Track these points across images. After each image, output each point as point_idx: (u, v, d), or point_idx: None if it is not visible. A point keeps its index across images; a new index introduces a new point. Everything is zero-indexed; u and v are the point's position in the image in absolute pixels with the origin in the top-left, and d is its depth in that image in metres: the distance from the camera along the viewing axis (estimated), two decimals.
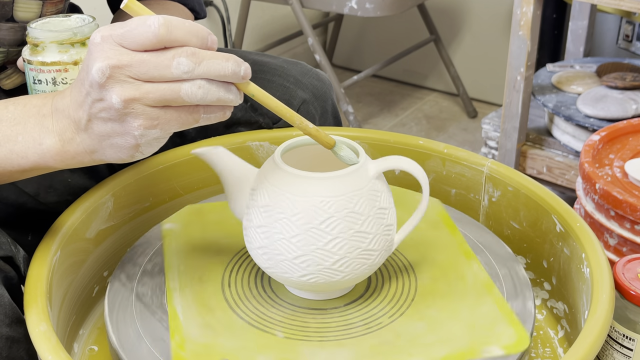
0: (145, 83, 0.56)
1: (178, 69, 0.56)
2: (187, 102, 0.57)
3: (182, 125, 0.58)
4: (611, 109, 1.55)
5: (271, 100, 0.61)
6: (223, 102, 0.59)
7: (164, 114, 0.57)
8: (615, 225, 1.09)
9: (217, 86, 0.58)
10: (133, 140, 0.58)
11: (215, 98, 0.58)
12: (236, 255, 0.74)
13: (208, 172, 0.88)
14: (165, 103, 0.57)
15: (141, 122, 0.57)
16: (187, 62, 0.56)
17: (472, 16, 2.36)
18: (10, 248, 0.67)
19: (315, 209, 0.62)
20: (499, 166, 0.82)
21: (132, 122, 0.57)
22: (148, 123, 0.57)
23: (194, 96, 0.57)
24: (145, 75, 0.56)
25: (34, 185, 0.81)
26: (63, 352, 0.57)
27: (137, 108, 0.56)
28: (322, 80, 0.95)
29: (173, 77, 0.56)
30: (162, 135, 0.58)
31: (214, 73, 0.57)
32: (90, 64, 0.56)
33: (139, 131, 0.57)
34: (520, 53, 1.55)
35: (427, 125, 2.30)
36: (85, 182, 0.84)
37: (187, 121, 0.58)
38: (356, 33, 2.63)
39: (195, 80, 0.57)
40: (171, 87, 0.56)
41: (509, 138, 1.65)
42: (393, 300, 0.68)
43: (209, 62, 0.57)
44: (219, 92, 0.58)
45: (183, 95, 0.56)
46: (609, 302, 0.63)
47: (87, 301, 0.76)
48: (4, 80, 0.82)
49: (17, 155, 0.62)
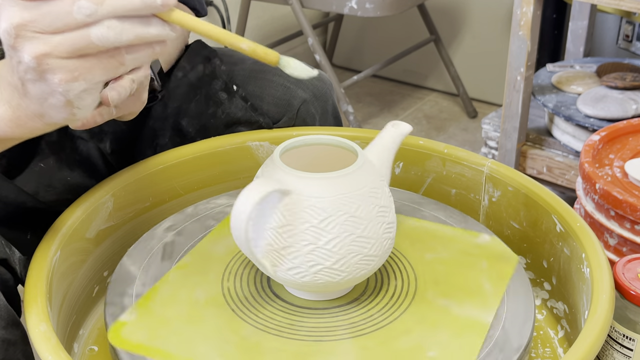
0: (54, 35, 0.53)
1: (80, 13, 0.53)
2: (102, 46, 0.54)
3: (107, 72, 0.55)
4: (611, 109, 1.55)
5: (198, 23, 0.58)
6: (145, 38, 0.55)
7: (83, 63, 0.54)
8: (615, 225, 1.09)
9: (132, 23, 0.54)
10: (62, 97, 0.55)
11: (133, 36, 0.54)
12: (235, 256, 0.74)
13: (208, 172, 0.88)
14: (79, 52, 0.54)
15: (61, 76, 0.54)
16: (88, 4, 0.53)
17: (472, 16, 2.36)
18: (5, 250, 0.67)
19: (314, 208, 0.62)
20: (499, 166, 0.82)
21: (52, 78, 0.54)
22: (68, 76, 0.54)
23: (106, 39, 0.53)
24: (50, 27, 0.53)
25: (33, 184, 0.81)
26: (63, 352, 0.57)
27: (52, 63, 0.54)
28: (322, 80, 0.95)
29: (78, 23, 0.53)
30: (90, 87, 0.55)
31: (121, 9, 0.53)
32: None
33: (62, 86, 0.55)
34: (520, 53, 1.55)
35: (427, 125, 2.30)
36: (84, 181, 0.84)
37: (110, 66, 0.55)
38: (356, 33, 2.63)
39: (103, 22, 0.53)
40: (80, 33, 0.53)
41: (509, 138, 1.65)
42: (391, 301, 0.68)
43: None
44: (135, 29, 0.54)
45: (94, 39, 0.53)
46: (609, 302, 0.63)
47: (87, 301, 0.76)
48: None
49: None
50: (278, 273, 0.65)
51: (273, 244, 0.63)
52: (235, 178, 0.89)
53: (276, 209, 0.62)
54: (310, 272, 0.63)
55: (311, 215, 0.62)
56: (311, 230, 0.62)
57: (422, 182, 0.88)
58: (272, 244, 0.63)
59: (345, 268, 0.63)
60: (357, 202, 0.63)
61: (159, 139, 0.90)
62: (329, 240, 0.62)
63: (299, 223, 0.62)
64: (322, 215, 0.62)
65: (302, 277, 0.64)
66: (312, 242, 0.62)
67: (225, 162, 0.88)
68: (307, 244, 0.62)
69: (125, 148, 0.90)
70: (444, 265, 0.73)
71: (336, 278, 0.64)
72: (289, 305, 0.68)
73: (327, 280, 0.64)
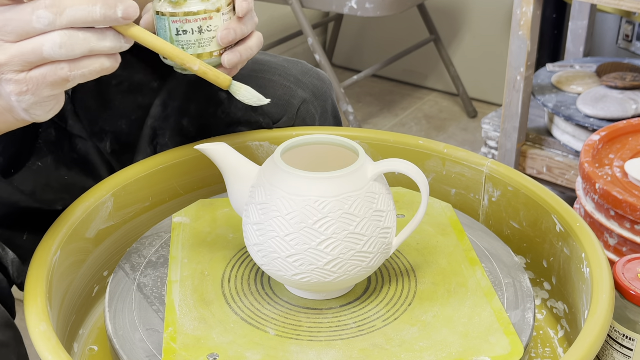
0: (12, 45, 0.53)
1: (39, 23, 0.52)
2: (53, 58, 0.53)
3: (53, 87, 0.55)
4: (611, 109, 1.55)
5: (155, 40, 0.58)
6: (98, 51, 0.54)
7: (32, 78, 0.54)
8: (615, 225, 1.09)
9: (86, 34, 0.53)
10: (17, 105, 0.56)
11: (87, 49, 0.54)
12: (240, 251, 0.74)
13: (208, 172, 0.88)
14: (31, 65, 0.54)
15: (12, 88, 0.54)
16: (46, 14, 0.52)
17: (472, 16, 2.36)
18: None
19: (310, 208, 0.62)
20: (499, 166, 0.82)
21: (5, 87, 0.55)
22: (18, 89, 0.54)
23: (57, 53, 0.53)
24: (11, 34, 0.53)
25: (30, 183, 0.81)
26: (63, 352, 0.57)
27: (6, 74, 0.54)
28: (322, 79, 0.95)
29: (37, 31, 0.53)
30: (39, 100, 0.55)
31: (81, 20, 0.53)
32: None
33: (13, 97, 0.55)
34: (520, 53, 1.55)
35: (427, 125, 2.30)
36: (82, 180, 0.84)
37: (55, 82, 0.54)
38: (356, 33, 2.63)
39: (54, 34, 0.52)
40: (32, 46, 0.53)
41: (509, 138, 1.65)
42: (390, 303, 0.68)
43: (72, 9, 0.52)
44: (90, 42, 0.54)
45: (46, 52, 0.53)
46: (609, 302, 0.63)
47: (87, 301, 0.76)
48: None
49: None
50: (274, 272, 0.65)
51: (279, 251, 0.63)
52: None
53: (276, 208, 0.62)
54: (308, 269, 0.63)
55: (308, 216, 0.62)
56: (306, 230, 0.62)
57: None
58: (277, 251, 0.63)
59: (339, 269, 0.63)
60: (353, 201, 0.62)
61: (160, 139, 0.90)
62: (323, 240, 0.62)
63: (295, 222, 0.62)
64: (318, 216, 0.62)
65: (296, 276, 0.64)
66: (306, 242, 0.62)
67: None
68: (302, 243, 0.62)
69: (125, 148, 0.90)
70: (446, 270, 0.73)
71: (330, 278, 0.64)
72: (284, 303, 0.68)
73: (321, 280, 0.64)
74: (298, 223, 0.62)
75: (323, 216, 0.62)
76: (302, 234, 0.62)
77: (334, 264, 0.63)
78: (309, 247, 0.62)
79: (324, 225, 0.62)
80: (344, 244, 0.62)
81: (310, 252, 0.62)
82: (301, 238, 0.62)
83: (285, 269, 0.64)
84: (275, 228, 0.63)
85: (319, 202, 0.62)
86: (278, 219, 0.62)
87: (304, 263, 0.63)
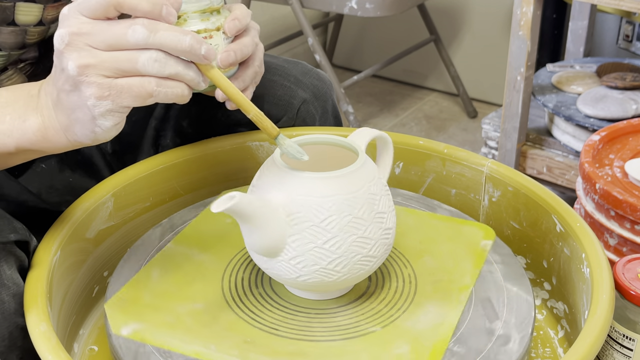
0: (103, 52, 0.57)
1: (134, 37, 0.56)
2: (143, 72, 0.57)
3: (135, 97, 0.58)
4: (611, 109, 1.55)
5: (230, 87, 0.62)
6: (181, 77, 0.59)
7: (117, 85, 0.57)
8: (615, 225, 1.09)
9: (176, 61, 0.58)
10: (88, 111, 0.58)
11: (174, 71, 0.58)
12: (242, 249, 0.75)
13: (208, 172, 0.88)
14: (121, 73, 0.57)
15: (93, 91, 0.57)
16: (142, 30, 0.56)
17: (472, 16, 2.36)
18: (27, 234, 0.68)
19: (311, 208, 0.62)
20: (499, 166, 0.82)
21: (85, 90, 0.57)
22: (99, 93, 0.57)
23: (150, 67, 0.57)
24: (103, 43, 0.56)
25: (35, 185, 0.81)
26: (63, 352, 0.57)
27: (91, 76, 0.56)
28: (322, 80, 0.95)
29: (129, 45, 0.56)
30: (115, 108, 0.58)
31: (171, 44, 0.57)
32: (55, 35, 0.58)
33: (91, 101, 0.57)
34: (520, 53, 1.55)
35: (427, 125, 2.30)
36: (86, 182, 0.84)
37: (140, 93, 0.58)
38: (356, 33, 2.63)
39: (151, 50, 0.57)
40: (127, 56, 0.57)
41: (509, 138, 1.65)
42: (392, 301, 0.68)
43: (165, 32, 0.57)
44: (177, 67, 0.58)
45: (140, 65, 0.57)
46: (609, 302, 0.63)
47: (87, 301, 0.76)
48: (5, 82, 0.82)
49: (3, 134, 0.63)
50: (276, 273, 0.65)
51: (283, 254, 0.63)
52: (235, 178, 0.90)
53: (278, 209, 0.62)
54: (311, 270, 0.63)
55: (314, 215, 0.62)
56: (312, 229, 0.62)
57: (422, 182, 0.88)
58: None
59: (341, 269, 0.63)
60: (355, 200, 0.62)
61: (161, 140, 0.91)
62: (328, 239, 0.62)
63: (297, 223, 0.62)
64: (324, 214, 0.62)
65: (299, 278, 0.64)
66: (311, 240, 0.62)
67: (225, 162, 0.88)
68: (307, 242, 0.62)
69: (126, 149, 0.90)
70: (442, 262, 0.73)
71: (333, 277, 0.64)
72: (289, 305, 0.68)
73: (324, 279, 0.64)
74: (302, 222, 0.62)
75: (328, 215, 0.62)
76: (305, 234, 0.62)
77: (337, 261, 0.63)
78: (315, 246, 0.62)
79: (330, 224, 0.62)
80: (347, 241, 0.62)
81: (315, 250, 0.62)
82: (305, 237, 0.62)
83: (287, 270, 0.64)
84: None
85: (320, 202, 0.62)
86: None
87: (307, 265, 0.63)
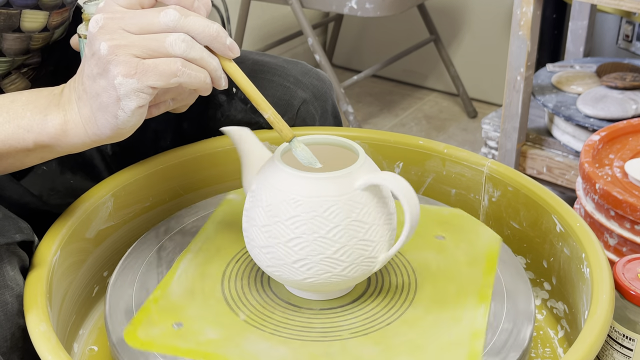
0: (134, 34, 0.59)
1: (165, 18, 0.59)
2: (170, 51, 0.59)
3: (160, 75, 0.60)
4: (611, 109, 1.55)
5: (248, 85, 0.64)
6: (206, 63, 0.61)
7: (144, 64, 0.59)
8: (615, 225, 1.09)
9: (202, 47, 0.61)
10: (114, 92, 0.60)
11: (199, 55, 0.61)
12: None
13: (208, 172, 0.88)
14: (149, 52, 0.59)
15: (121, 69, 0.59)
16: (174, 12, 0.59)
17: (472, 16, 2.37)
18: (32, 234, 0.68)
19: (314, 209, 0.62)
20: (499, 166, 0.82)
21: (113, 69, 0.59)
22: (127, 70, 0.59)
23: (177, 46, 0.59)
24: (135, 26, 0.59)
25: (37, 188, 0.81)
26: (63, 352, 0.57)
27: (120, 55, 0.59)
28: (322, 80, 0.95)
29: (160, 26, 0.59)
30: (140, 87, 0.60)
31: (199, 29, 0.60)
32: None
33: (118, 79, 0.59)
34: (520, 53, 1.55)
35: (427, 125, 2.30)
36: (86, 184, 0.84)
37: (164, 71, 0.60)
38: (356, 33, 2.63)
39: (180, 33, 0.60)
40: (157, 35, 0.59)
41: (509, 138, 1.65)
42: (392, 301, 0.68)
43: (195, 18, 0.60)
44: (203, 52, 0.61)
45: (167, 44, 0.59)
46: (609, 302, 0.63)
47: (87, 301, 0.76)
48: (8, 86, 0.82)
49: (23, 129, 0.64)
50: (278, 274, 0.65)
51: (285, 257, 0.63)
52: (235, 178, 0.89)
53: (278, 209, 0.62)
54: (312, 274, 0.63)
55: (314, 214, 0.62)
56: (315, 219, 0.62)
57: (422, 182, 0.88)
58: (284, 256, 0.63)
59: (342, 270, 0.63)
60: (360, 201, 0.63)
61: (161, 142, 0.91)
62: (329, 237, 0.62)
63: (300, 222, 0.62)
64: (324, 214, 0.62)
65: (304, 280, 0.64)
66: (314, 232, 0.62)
67: (225, 162, 0.88)
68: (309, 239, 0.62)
69: (127, 150, 0.90)
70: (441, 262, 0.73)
71: (333, 279, 0.64)
72: (289, 305, 0.68)
73: (324, 280, 0.64)
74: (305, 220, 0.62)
75: (327, 214, 0.62)
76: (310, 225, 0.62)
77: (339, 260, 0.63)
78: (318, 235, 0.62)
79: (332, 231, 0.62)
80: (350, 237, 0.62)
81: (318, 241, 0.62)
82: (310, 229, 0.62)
83: (290, 271, 0.64)
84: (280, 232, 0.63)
85: (321, 202, 0.62)
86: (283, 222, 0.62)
87: (312, 267, 0.63)
